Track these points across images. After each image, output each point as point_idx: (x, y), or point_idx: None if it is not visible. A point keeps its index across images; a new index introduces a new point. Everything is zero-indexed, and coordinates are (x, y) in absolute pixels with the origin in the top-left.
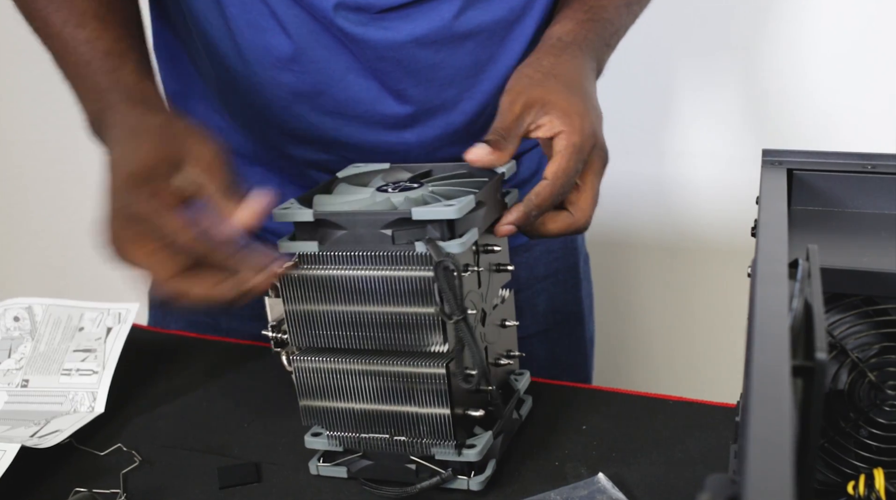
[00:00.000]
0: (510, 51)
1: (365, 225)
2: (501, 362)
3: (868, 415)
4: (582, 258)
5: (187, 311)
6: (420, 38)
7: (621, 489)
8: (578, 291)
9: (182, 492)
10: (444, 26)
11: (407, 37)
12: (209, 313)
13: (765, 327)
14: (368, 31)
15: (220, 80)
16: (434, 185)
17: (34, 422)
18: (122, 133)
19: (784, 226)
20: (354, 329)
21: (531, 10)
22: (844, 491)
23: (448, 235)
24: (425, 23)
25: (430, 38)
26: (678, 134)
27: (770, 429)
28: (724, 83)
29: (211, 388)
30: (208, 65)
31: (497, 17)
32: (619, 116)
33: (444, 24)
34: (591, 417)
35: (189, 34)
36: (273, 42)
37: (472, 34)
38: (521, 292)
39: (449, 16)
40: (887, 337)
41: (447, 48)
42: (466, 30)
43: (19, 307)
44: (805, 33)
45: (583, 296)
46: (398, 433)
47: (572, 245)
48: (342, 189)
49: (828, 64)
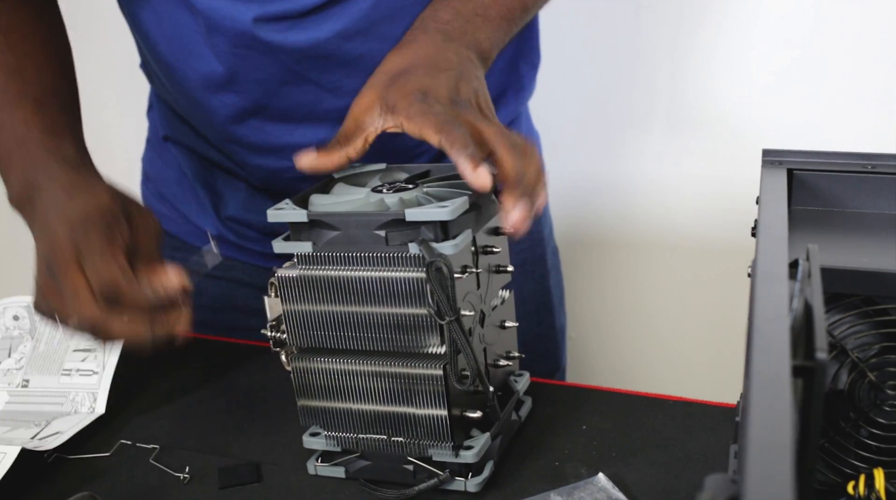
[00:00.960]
0: None
1: (359, 226)
2: (500, 363)
3: (868, 415)
4: (550, 250)
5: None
6: (342, 31)
7: (621, 489)
8: (547, 281)
9: (182, 492)
10: (364, 16)
11: (329, 33)
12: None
13: (765, 327)
14: (290, 35)
15: (178, 98)
16: (429, 186)
17: (35, 423)
18: (64, 192)
19: (784, 226)
20: (352, 330)
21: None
22: (844, 491)
23: (442, 237)
24: (345, 16)
25: (352, 31)
26: (678, 134)
27: (770, 429)
28: (724, 83)
29: (211, 388)
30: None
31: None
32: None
33: (363, 13)
34: (591, 417)
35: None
36: (207, 68)
37: (394, 17)
38: None
39: (366, 6)
40: (887, 337)
41: (372, 37)
42: (386, 14)
43: (19, 306)
44: (805, 33)
45: (551, 286)
46: (396, 434)
47: (538, 236)
48: (338, 189)
49: (828, 64)
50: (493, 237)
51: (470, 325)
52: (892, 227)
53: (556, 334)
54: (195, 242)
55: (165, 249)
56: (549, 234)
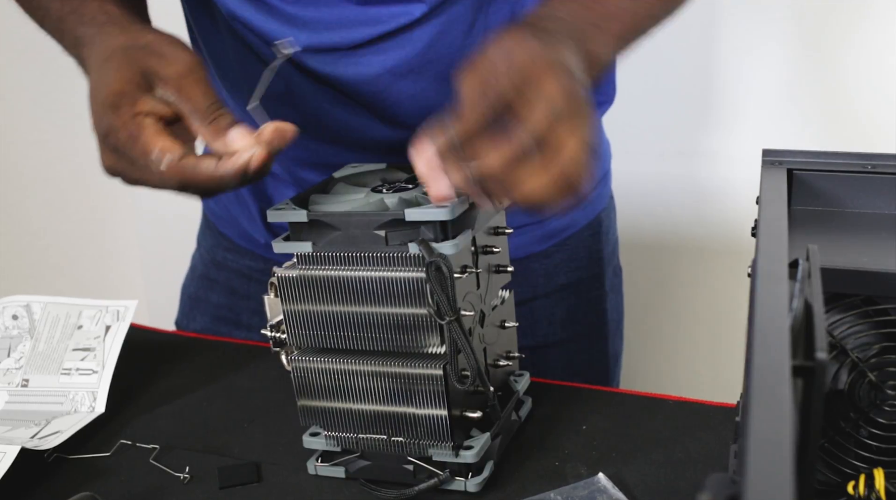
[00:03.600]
0: None
1: (358, 226)
2: (501, 363)
3: (868, 415)
4: (610, 269)
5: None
6: (393, 68)
7: (621, 489)
8: (603, 303)
9: (182, 492)
10: (418, 55)
11: (379, 69)
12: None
13: (765, 327)
14: (338, 68)
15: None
16: None
17: (34, 423)
18: (95, 62)
19: (784, 226)
20: (352, 330)
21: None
22: (844, 491)
23: (441, 237)
24: (396, 54)
25: (404, 69)
26: (678, 134)
27: (770, 429)
28: (725, 83)
29: (211, 388)
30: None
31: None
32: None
33: (416, 52)
34: (591, 417)
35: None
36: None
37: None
38: (537, 300)
39: (421, 45)
40: (887, 337)
41: (426, 76)
42: (443, 54)
43: (17, 305)
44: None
45: (608, 309)
46: (396, 434)
47: (597, 254)
48: (339, 189)
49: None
50: (493, 237)
51: (470, 325)
52: (892, 227)
53: (608, 360)
54: (246, 245)
55: (218, 249)
56: (612, 252)
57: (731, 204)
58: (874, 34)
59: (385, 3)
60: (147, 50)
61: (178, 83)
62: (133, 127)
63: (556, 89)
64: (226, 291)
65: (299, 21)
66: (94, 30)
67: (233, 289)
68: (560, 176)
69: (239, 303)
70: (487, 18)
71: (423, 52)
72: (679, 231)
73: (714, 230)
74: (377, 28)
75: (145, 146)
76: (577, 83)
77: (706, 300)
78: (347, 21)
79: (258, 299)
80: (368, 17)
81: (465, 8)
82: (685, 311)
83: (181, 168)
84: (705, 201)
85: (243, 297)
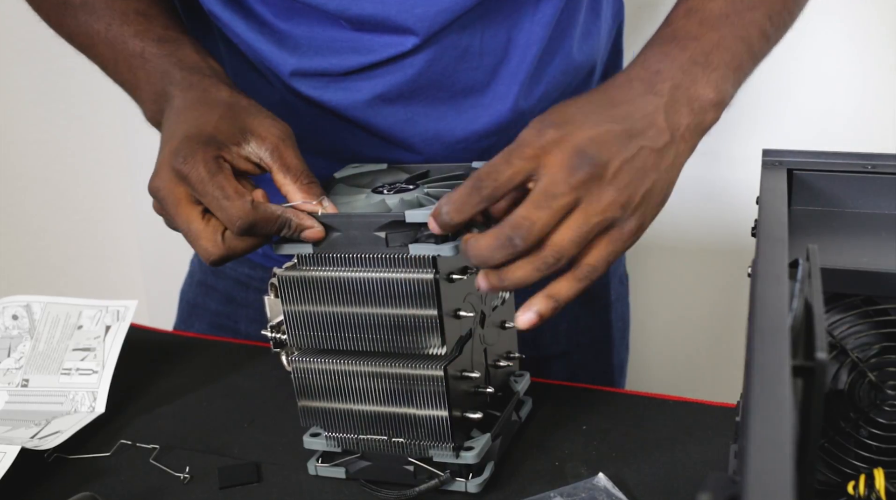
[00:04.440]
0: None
1: (359, 227)
2: (501, 363)
3: (868, 415)
4: (616, 278)
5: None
6: (383, 94)
7: (621, 489)
8: (608, 314)
9: (182, 492)
10: (408, 81)
11: (368, 95)
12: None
13: (765, 327)
14: (326, 93)
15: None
16: (429, 186)
17: (35, 423)
18: (185, 103)
19: (784, 226)
20: (352, 331)
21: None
22: (844, 491)
23: (442, 239)
24: (386, 81)
25: (393, 94)
26: None
27: (770, 429)
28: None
29: (211, 388)
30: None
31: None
32: None
33: (406, 79)
34: (591, 417)
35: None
36: (262, 89)
37: (440, 83)
38: None
39: (412, 72)
40: (887, 337)
41: (416, 101)
42: (433, 80)
43: (17, 305)
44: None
45: (613, 319)
46: (396, 435)
47: None
48: (339, 190)
49: (828, 64)
50: None
51: (470, 326)
52: (892, 227)
53: (613, 371)
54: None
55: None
56: (618, 260)
57: (731, 204)
58: (874, 34)
59: (378, 31)
60: (249, 111)
61: (275, 143)
62: (213, 165)
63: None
64: (224, 298)
65: (290, 42)
66: (196, 77)
67: (231, 297)
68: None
69: (237, 311)
70: (483, 44)
71: (415, 79)
72: (679, 231)
73: (714, 230)
74: (368, 57)
75: (221, 182)
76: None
77: (706, 300)
78: (339, 46)
79: (256, 308)
80: (361, 44)
81: (458, 36)
82: (685, 311)
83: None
84: (705, 201)
85: (241, 305)
